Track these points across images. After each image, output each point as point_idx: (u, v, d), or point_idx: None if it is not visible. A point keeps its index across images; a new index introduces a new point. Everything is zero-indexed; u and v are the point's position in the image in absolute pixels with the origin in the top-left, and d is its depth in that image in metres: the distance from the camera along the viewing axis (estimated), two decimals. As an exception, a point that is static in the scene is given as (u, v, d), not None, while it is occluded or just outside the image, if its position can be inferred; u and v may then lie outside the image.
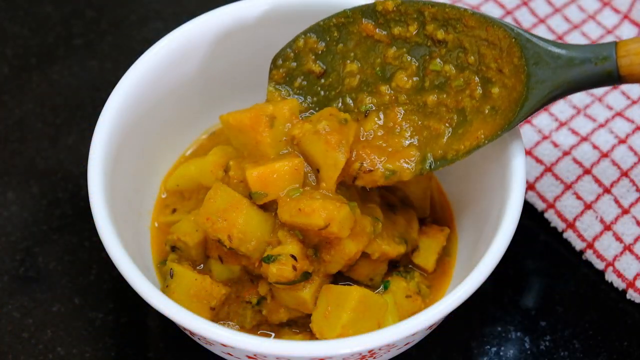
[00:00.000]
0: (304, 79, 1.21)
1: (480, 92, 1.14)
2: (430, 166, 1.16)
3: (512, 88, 1.11)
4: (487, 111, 1.13)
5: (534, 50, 1.10)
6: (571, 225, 1.32)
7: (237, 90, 1.34)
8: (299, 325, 1.19)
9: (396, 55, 1.18)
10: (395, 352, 1.16)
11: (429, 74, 1.17)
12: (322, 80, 1.21)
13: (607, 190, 1.33)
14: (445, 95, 1.16)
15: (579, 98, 1.42)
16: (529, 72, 1.10)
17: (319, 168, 1.15)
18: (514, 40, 1.11)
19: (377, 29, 1.18)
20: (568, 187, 1.34)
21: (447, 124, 1.16)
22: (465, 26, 1.13)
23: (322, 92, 1.21)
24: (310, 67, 1.20)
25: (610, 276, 1.29)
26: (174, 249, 1.22)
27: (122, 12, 1.59)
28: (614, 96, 1.42)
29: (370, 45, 1.19)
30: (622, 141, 1.37)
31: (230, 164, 1.17)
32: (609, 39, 1.48)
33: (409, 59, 1.17)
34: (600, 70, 1.08)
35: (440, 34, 1.15)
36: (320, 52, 1.20)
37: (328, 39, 1.20)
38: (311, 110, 1.21)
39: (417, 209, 1.26)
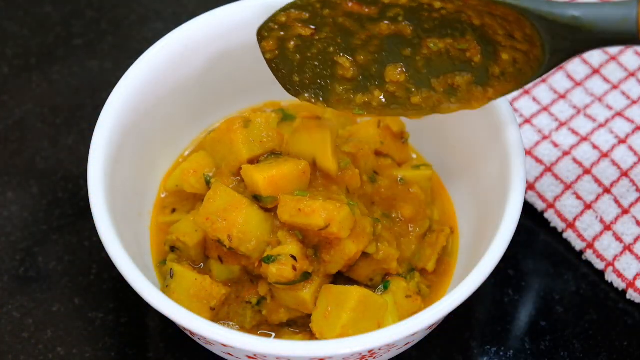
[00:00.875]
0: (297, 39, 1.16)
1: (481, 59, 1.11)
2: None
3: (529, 52, 1.08)
4: (497, 75, 1.11)
5: (547, 25, 1.05)
6: (571, 225, 1.32)
7: (237, 90, 1.34)
8: (299, 325, 1.19)
9: (391, 20, 1.12)
10: (395, 352, 1.16)
11: (425, 46, 1.13)
12: (317, 37, 1.15)
13: (607, 190, 1.33)
14: (437, 79, 1.14)
15: (579, 98, 1.42)
16: (544, 43, 1.06)
17: (314, 160, 1.15)
18: (522, 17, 1.06)
19: (363, 6, 1.12)
20: (568, 187, 1.34)
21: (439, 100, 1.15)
22: (464, 3, 1.09)
23: (319, 46, 1.16)
24: (299, 32, 1.15)
25: (610, 276, 1.29)
26: (173, 249, 1.22)
27: (122, 12, 1.59)
28: (614, 96, 1.42)
29: (359, 22, 1.13)
30: (622, 141, 1.37)
31: (210, 178, 1.19)
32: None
33: (405, 24, 1.12)
34: (619, 37, 1.04)
35: (437, 4, 1.10)
36: (306, 19, 1.15)
37: (311, 9, 1.14)
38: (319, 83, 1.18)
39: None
